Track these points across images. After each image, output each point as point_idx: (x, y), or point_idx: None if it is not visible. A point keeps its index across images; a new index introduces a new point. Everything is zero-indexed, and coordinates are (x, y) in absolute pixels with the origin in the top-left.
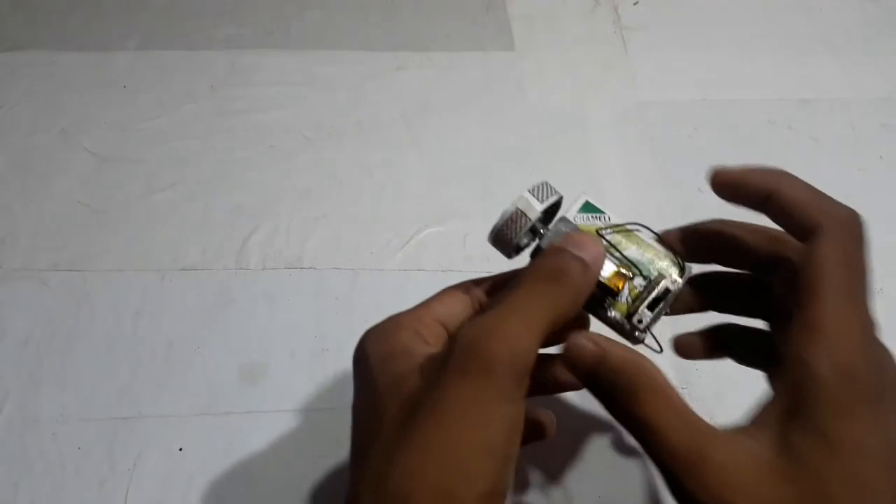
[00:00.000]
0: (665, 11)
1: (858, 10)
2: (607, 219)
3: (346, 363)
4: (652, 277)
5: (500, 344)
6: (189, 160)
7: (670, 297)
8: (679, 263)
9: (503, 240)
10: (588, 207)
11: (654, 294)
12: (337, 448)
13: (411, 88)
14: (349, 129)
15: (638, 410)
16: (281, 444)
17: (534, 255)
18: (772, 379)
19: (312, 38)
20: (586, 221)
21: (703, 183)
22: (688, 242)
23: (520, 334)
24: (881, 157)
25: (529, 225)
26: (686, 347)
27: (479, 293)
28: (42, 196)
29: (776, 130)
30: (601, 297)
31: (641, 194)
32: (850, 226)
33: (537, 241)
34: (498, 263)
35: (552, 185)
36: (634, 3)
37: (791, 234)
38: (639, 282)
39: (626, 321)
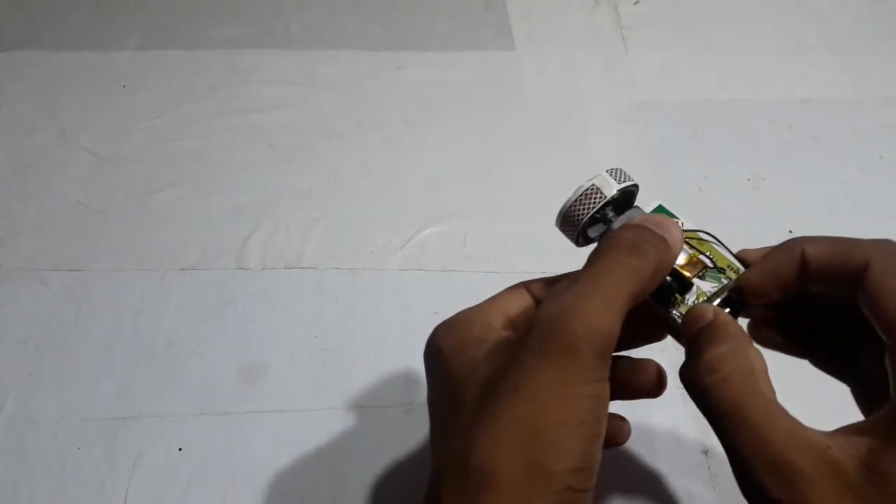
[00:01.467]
0: (665, 11)
1: (859, 10)
2: (681, 224)
3: (346, 363)
4: (722, 284)
5: (581, 324)
6: (189, 160)
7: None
8: None
9: (572, 219)
10: (661, 210)
11: (719, 300)
12: (337, 448)
13: (411, 88)
14: (349, 128)
15: (731, 394)
16: (280, 444)
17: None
18: (859, 396)
19: (312, 38)
20: None
21: (703, 182)
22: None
23: (601, 313)
24: (882, 157)
25: (603, 202)
26: (764, 334)
27: (538, 289)
28: (41, 196)
29: (777, 130)
30: (669, 289)
31: (641, 194)
32: None
33: (607, 227)
34: (498, 264)
35: (628, 172)
36: (635, 3)
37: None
38: (707, 286)
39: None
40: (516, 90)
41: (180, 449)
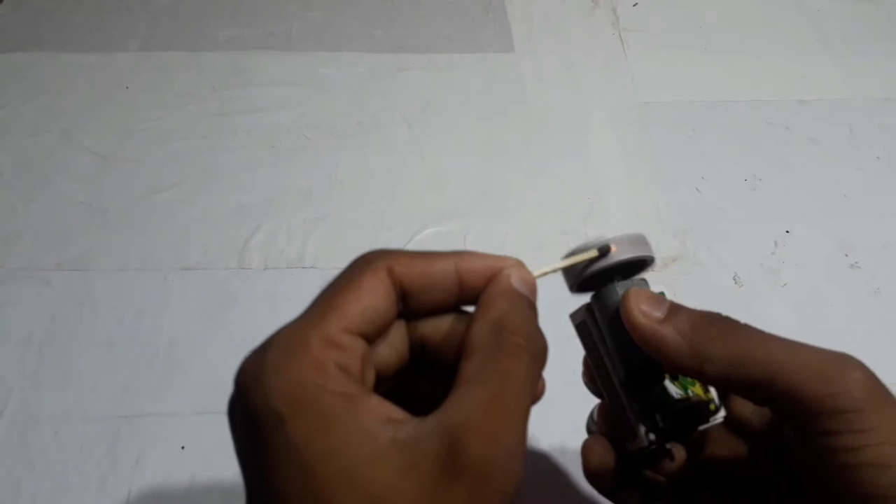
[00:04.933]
0: (663, 13)
1: (856, 12)
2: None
3: None
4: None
5: (495, 448)
6: (191, 160)
7: (709, 417)
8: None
9: (571, 271)
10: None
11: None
12: None
13: (412, 89)
14: (350, 129)
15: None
16: None
17: (595, 298)
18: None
19: (313, 40)
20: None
21: (701, 183)
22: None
23: (514, 432)
24: (878, 157)
25: (597, 270)
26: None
27: (409, 275)
28: (44, 196)
29: (774, 131)
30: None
31: (640, 194)
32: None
33: (605, 287)
34: None
35: (648, 242)
36: (634, 5)
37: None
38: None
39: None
40: (516, 91)
41: (182, 447)
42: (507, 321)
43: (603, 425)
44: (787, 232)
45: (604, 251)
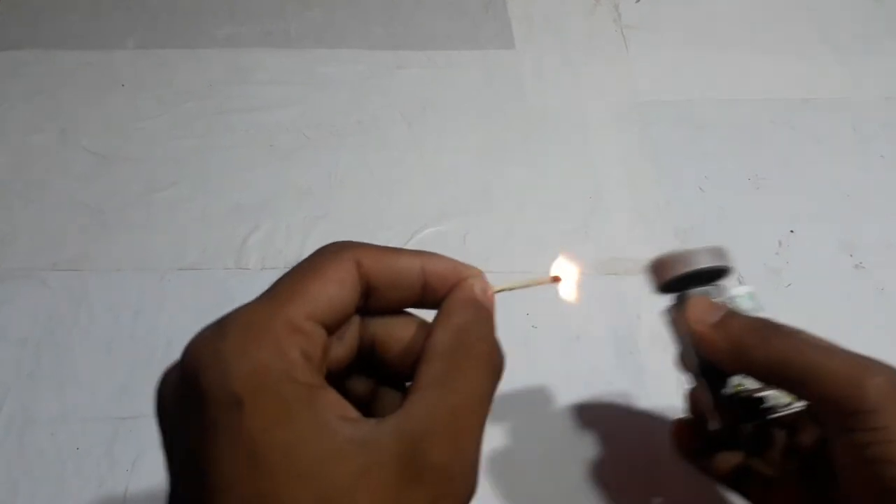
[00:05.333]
0: (666, 10)
1: (860, 10)
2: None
3: None
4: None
5: (456, 456)
6: (189, 159)
7: (779, 408)
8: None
9: (653, 272)
10: (751, 298)
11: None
12: None
13: (411, 87)
14: (349, 128)
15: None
16: None
17: (675, 300)
18: None
19: (312, 38)
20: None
21: (703, 182)
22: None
23: (475, 441)
24: (882, 156)
25: (673, 278)
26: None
27: (377, 269)
28: (41, 196)
29: (778, 130)
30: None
31: (641, 194)
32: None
33: (682, 292)
34: (498, 264)
35: (726, 253)
36: (636, 2)
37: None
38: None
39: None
40: (516, 89)
41: None
42: (471, 329)
43: (691, 406)
44: (792, 232)
45: (556, 278)
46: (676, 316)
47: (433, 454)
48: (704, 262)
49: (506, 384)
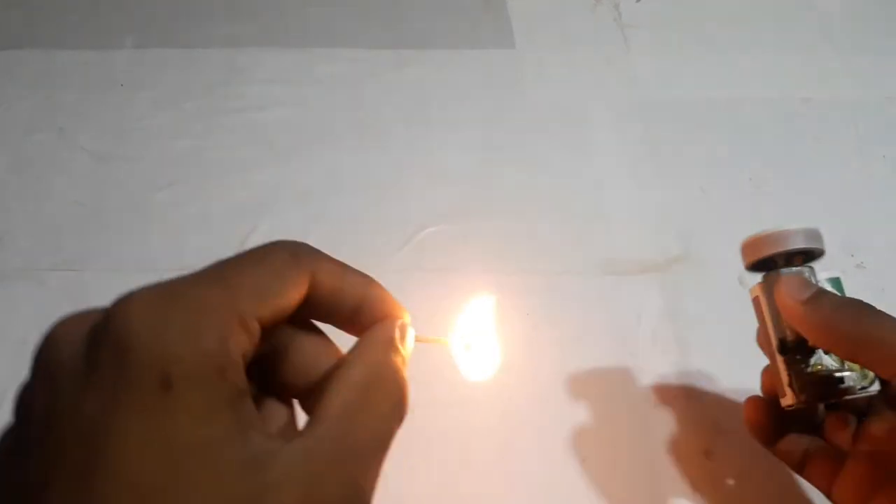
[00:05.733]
0: (667, 9)
1: (861, 9)
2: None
3: None
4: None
5: (355, 494)
6: (187, 159)
7: (848, 386)
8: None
9: (746, 249)
10: (836, 283)
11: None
12: None
13: (411, 87)
14: (348, 127)
15: None
16: None
17: (764, 278)
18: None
19: (312, 36)
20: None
21: (704, 182)
22: None
23: (374, 480)
24: (884, 156)
25: (764, 257)
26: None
27: (327, 283)
28: (40, 196)
29: (778, 130)
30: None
31: (642, 193)
32: None
33: (772, 270)
34: (498, 264)
35: (821, 236)
36: (637, 1)
37: None
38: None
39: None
40: (516, 89)
41: None
42: (387, 369)
43: (765, 384)
44: None
45: (452, 341)
46: (765, 292)
47: (333, 487)
48: (798, 243)
49: (506, 384)
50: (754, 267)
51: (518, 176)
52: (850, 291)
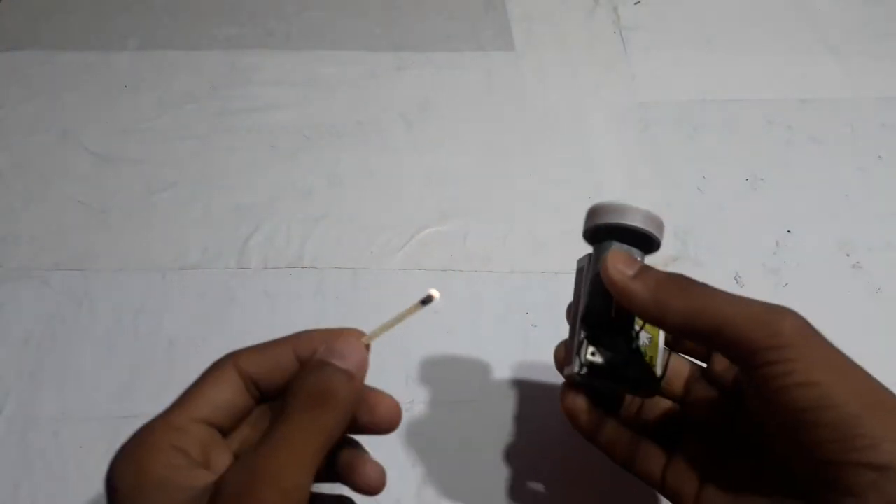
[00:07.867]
0: (665, 11)
1: (858, 10)
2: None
3: None
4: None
5: (269, 489)
6: (190, 160)
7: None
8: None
9: (588, 216)
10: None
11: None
12: None
13: (411, 88)
14: (349, 128)
15: None
16: None
17: (594, 249)
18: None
19: (313, 39)
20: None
21: (702, 183)
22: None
23: (290, 473)
24: (880, 156)
25: (603, 224)
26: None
27: (252, 366)
28: (43, 196)
29: (775, 130)
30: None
31: (641, 194)
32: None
33: (603, 242)
34: (498, 264)
35: (661, 225)
36: (635, 3)
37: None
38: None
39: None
40: (516, 90)
41: None
42: (291, 388)
43: (559, 358)
44: (789, 232)
45: (426, 301)
46: (592, 264)
47: None
48: (637, 222)
49: (506, 384)
50: (591, 235)
51: (517, 176)
52: (847, 291)
